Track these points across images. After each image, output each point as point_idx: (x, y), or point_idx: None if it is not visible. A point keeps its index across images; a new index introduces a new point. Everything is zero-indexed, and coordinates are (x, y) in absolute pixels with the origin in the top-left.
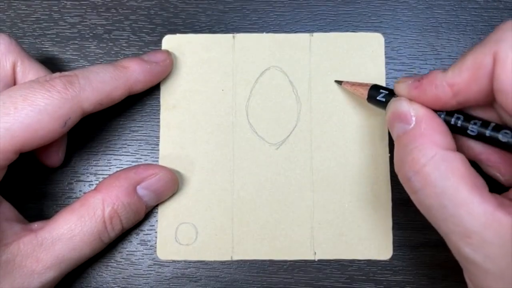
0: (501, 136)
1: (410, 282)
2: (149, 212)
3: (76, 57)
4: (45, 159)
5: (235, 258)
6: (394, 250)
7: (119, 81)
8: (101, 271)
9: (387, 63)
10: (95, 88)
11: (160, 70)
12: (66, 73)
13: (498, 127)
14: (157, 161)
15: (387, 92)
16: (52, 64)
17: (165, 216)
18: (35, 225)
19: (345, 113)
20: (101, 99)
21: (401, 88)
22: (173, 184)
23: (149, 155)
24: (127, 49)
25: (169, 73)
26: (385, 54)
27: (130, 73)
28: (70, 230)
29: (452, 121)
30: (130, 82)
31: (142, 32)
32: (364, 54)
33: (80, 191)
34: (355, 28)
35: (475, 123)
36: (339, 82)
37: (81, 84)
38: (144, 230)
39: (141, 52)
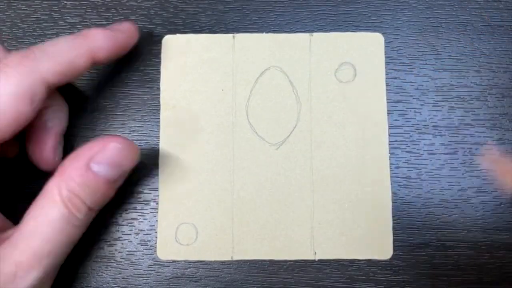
0: None
1: (410, 282)
2: (149, 212)
3: None
4: (40, 163)
5: (235, 258)
6: (394, 250)
7: (80, 49)
8: (101, 271)
9: (387, 63)
10: (53, 58)
11: (125, 37)
12: (22, 50)
13: None
14: (157, 161)
15: None
16: None
17: (165, 216)
18: (9, 232)
19: (345, 113)
20: (63, 68)
21: None
22: (129, 152)
23: (149, 155)
24: None
25: (135, 45)
26: (385, 54)
27: (92, 40)
28: (37, 223)
29: None
30: (93, 49)
31: (142, 32)
32: (364, 54)
33: None
34: (355, 28)
35: None
36: None
37: (36, 55)
38: (144, 230)
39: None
